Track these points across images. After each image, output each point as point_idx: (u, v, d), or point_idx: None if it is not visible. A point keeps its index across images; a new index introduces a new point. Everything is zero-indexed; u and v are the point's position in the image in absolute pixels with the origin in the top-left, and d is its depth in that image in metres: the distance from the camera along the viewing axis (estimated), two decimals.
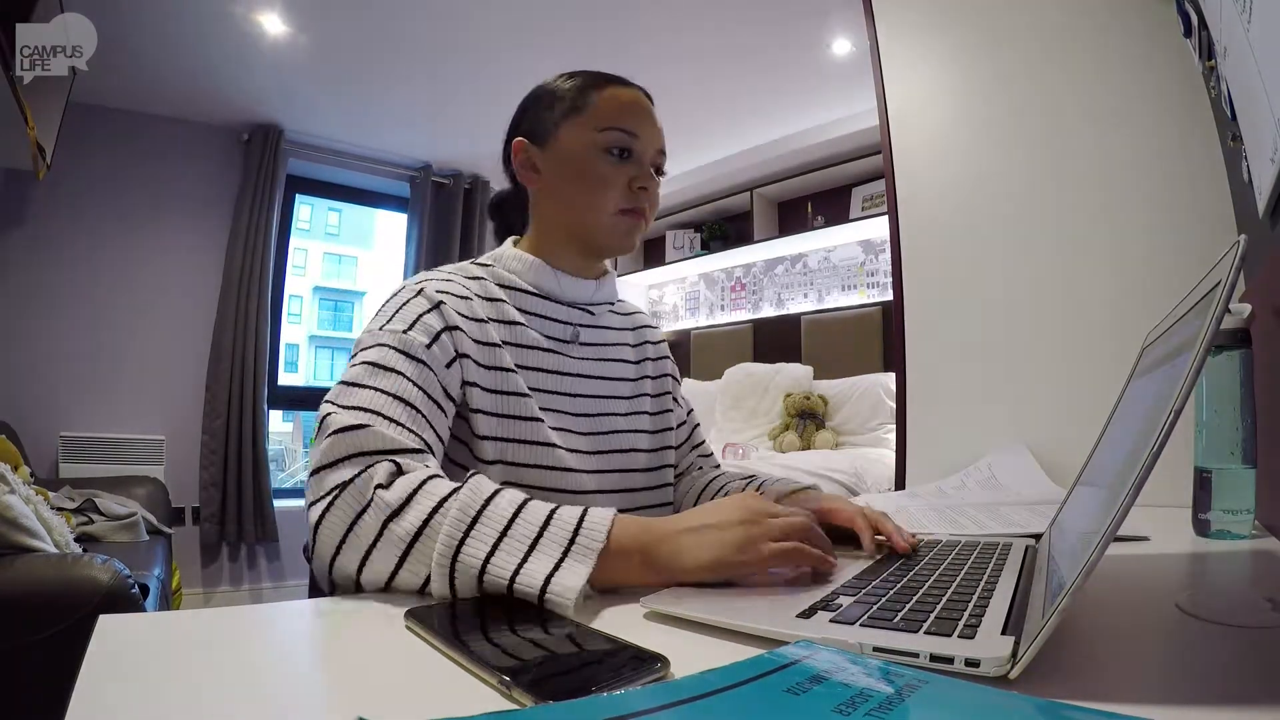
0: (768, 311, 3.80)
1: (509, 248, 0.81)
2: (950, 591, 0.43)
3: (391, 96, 3.08)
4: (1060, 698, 0.28)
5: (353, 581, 0.52)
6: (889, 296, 2.74)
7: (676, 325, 4.26)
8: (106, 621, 0.41)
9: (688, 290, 4.29)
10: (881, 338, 3.13)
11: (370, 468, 0.53)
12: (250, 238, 3.22)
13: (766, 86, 3.00)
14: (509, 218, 0.88)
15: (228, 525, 3.15)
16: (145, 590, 1.46)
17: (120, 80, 2.74)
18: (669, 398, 0.90)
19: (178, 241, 3.18)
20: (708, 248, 3.91)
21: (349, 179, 3.76)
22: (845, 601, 0.42)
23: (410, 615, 0.41)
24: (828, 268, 3.58)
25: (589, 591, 0.47)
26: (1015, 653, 0.31)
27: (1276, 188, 0.64)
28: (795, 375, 3.29)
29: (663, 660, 0.33)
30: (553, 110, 0.77)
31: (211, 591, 3.16)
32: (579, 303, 0.81)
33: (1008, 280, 1.25)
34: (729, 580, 0.49)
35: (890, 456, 1.96)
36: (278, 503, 3.29)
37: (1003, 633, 0.34)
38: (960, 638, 0.33)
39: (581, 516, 0.50)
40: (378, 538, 0.50)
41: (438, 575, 0.48)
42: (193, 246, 3.21)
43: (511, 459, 0.69)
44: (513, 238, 0.83)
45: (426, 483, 0.52)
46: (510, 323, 0.74)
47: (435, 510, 0.50)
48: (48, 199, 2.84)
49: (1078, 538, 0.39)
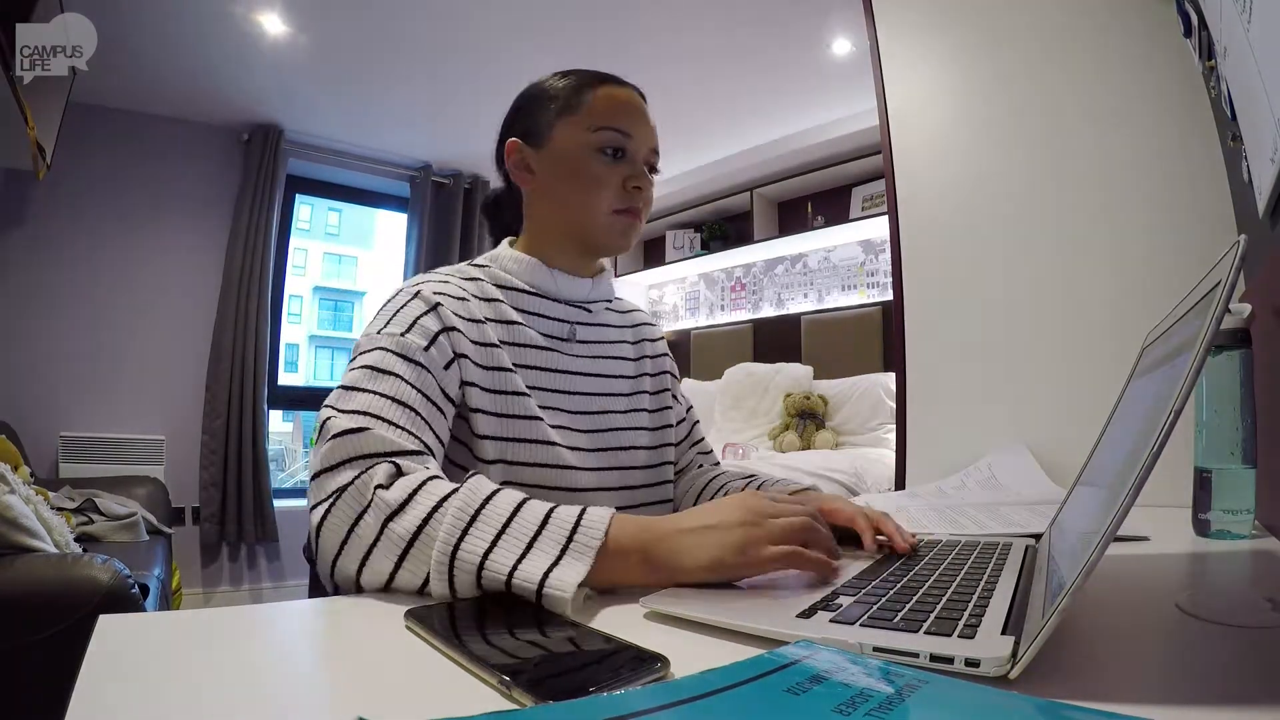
0: (768, 311, 3.80)
1: (505, 248, 0.81)
2: (950, 591, 0.43)
3: (391, 96, 3.08)
4: (1060, 698, 0.28)
5: (354, 583, 0.52)
6: (889, 296, 2.74)
7: (676, 325, 4.26)
8: (106, 621, 0.41)
9: (688, 290, 4.29)
10: (881, 338, 3.13)
11: (370, 469, 0.53)
12: (250, 238, 3.22)
13: (766, 86, 2.99)
14: (504, 218, 0.88)
15: (228, 525, 3.15)
16: (145, 590, 1.46)
17: (120, 80, 2.74)
18: (668, 395, 0.90)
19: (178, 241, 3.18)
20: (708, 248, 3.91)
21: (349, 179, 3.76)
22: (845, 601, 0.42)
23: (410, 615, 0.41)
24: (828, 268, 3.58)
25: (589, 591, 0.47)
26: (1015, 653, 0.31)
27: (1276, 188, 0.64)
28: (795, 375, 3.29)
29: (663, 660, 0.33)
30: (546, 110, 0.77)
31: (211, 591, 3.16)
32: (576, 301, 0.82)
33: (1008, 280, 1.25)
34: (728, 581, 0.49)
35: (890, 456, 1.96)
36: (278, 503, 3.29)
37: (1003, 633, 0.34)
38: (960, 638, 0.33)
39: (580, 515, 0.50)
40: (378, 537, 0.50)
41: (436, 573, 0.48)
42: (193, 246, 3.21)
43: (511, 458, 0.69)
44: (509, 238, 0.83)
45: (426, 483, 0.52)
46: (508, 322, 0.74)
47: (435, 510, 0.50)
48: (48, 199, 2.84)
49: (1078, 538, 0.39)
